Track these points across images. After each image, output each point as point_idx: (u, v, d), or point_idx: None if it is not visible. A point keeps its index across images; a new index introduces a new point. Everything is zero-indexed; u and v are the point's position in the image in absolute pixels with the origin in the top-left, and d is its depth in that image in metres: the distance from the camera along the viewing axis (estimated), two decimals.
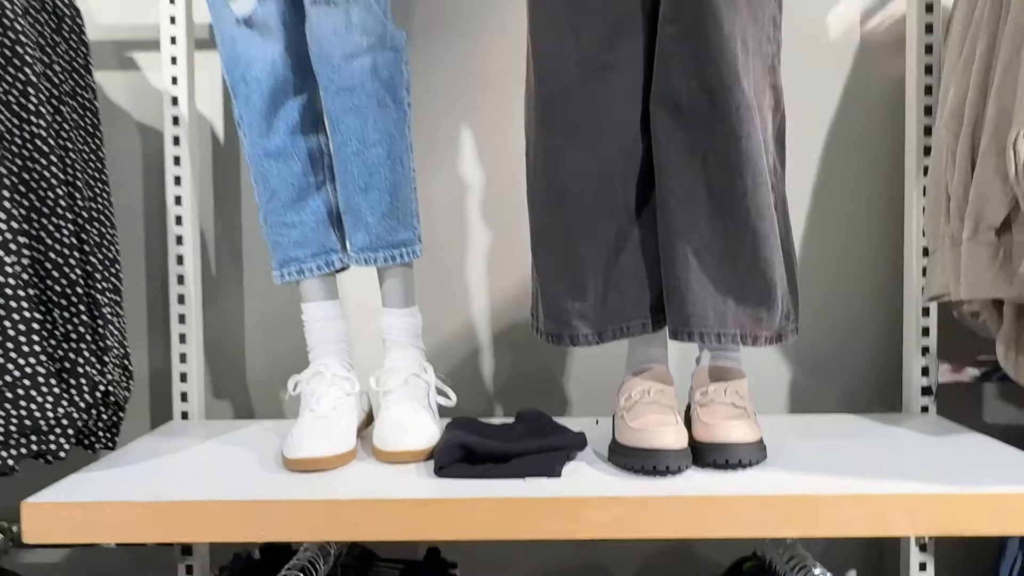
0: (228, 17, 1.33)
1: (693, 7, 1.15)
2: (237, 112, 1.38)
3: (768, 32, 1.23)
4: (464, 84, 1.75)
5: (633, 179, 1.24)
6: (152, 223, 1.77)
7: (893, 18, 1.73)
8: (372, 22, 1.29)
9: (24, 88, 1.26)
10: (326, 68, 1.30)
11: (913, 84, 1.60)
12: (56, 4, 1.42)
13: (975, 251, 1.31)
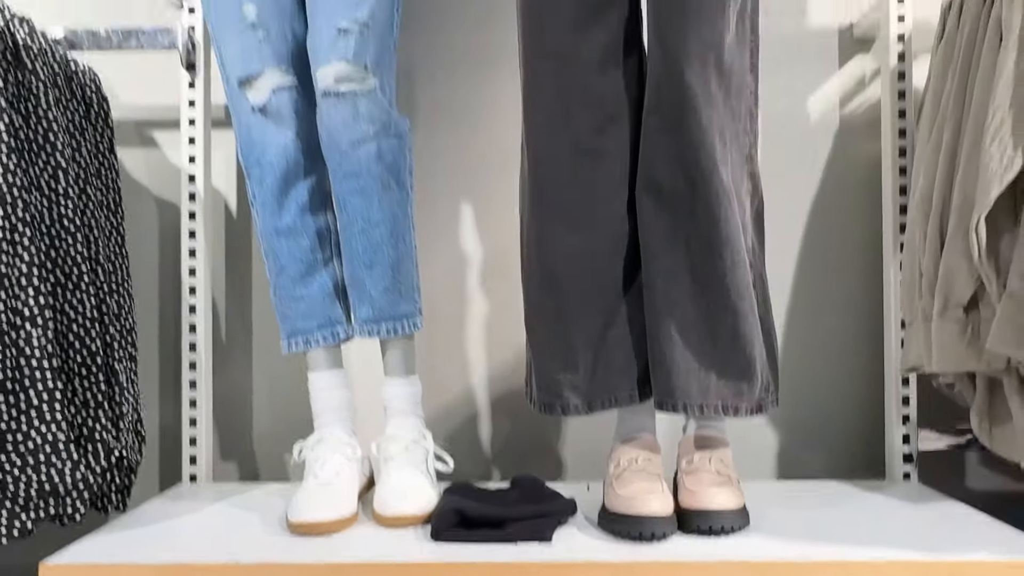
0: (245, 106, 1.43)
1: (674, 102, 1.25)
2: (251, 192, 1.48)
3: (745, 124, 1.33)
4: (463, 163, 1.85)
5: (621, 259, 1.33)
6: (166, 291, 1.86)
7: (870, 102, 1.83)
8: (378, 112, 1.39)
9: (55, 172, 1.35)
10: (334, 154, 1.39)
11: (889, 165, 1.69)
12: (85, 92, 1.53)
13: (945, 327, 1.39)
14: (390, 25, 1.43)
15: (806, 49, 1.83)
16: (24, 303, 1.24)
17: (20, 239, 1.24)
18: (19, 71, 1.32)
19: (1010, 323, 1.26)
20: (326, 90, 1.36)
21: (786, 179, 1.80)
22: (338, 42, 1.36)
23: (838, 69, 1.84)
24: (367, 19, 1.37)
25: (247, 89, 1.41)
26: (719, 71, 1.26)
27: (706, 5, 1.24)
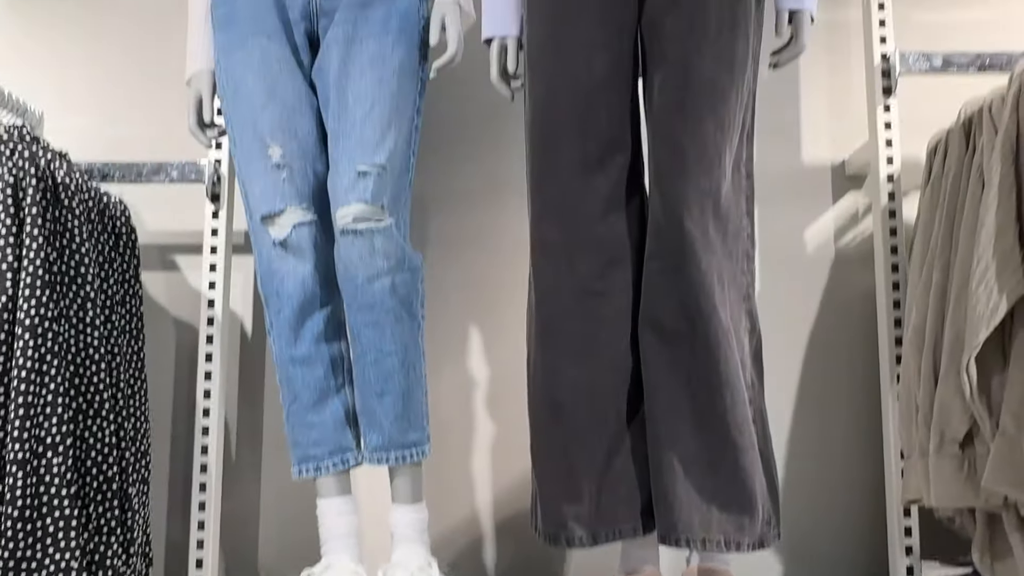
0: (266, 240, 1.50)
1: (674, 247, 1.32)
2: (268, 320, 1.54)
3: (742, 266, 1.39)
4: (472, 290, 1.91)
5: (624, 392, 1.38)
6: (180, 410, 1.90)
7: (863, 235, 1.91)
8: (393, 248, 1.46)
9: (83, 303, 1.42)
10: (350, 287, 1.46)
11: (883, 299, 1.75)
12: (115, 224, 1.61)
13: (942, 463, 1.42)
14: (406, 167, 1.52)
15: (801, 185, 1.92)
16: (48, 431, 1.29)
17: (48, 369, 1.30)
18: (56, 208, 1.40)
19: (1004, 462, 1.29)
20: (344, 228, 1.44)
21: (784, 310, 1.86)
22: (357, 184, 1.44)
23: (832, 204, 1.92)
24: (385, 162, 1.46)
25: (269, 225, 1.49)
26: (716, 217, 1.33)
27: (703, 156, 1.32)
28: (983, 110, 1.50)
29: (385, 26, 1.49)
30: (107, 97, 2.01)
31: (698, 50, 1.32)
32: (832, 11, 1.97)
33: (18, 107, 1.68)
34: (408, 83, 1.51)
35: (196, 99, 1.59)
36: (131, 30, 2.03)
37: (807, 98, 1.96)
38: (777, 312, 1.82)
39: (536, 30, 1.43)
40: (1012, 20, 1.96)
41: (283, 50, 1.51)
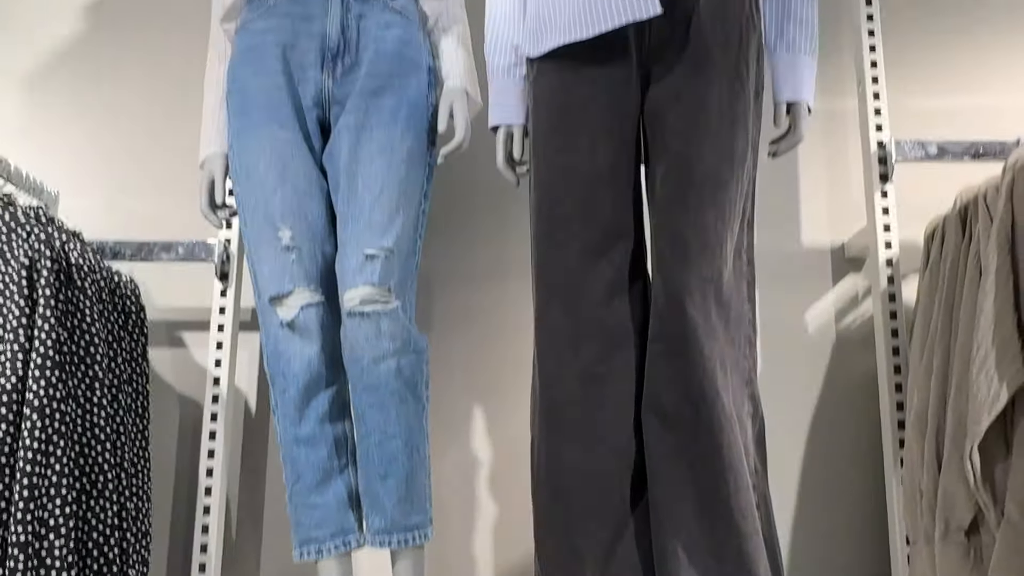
0: (274, 320, 1.52)
1: (676, 333, 1.33)
2: (273, 400, 1.54)
3: (744, 351, 1.41)
4: (476, 370, 1.93)
5: (628, 476, 1.37)
6: (181, 487, 1.89)
7: (864, 317, 1.93)
8: (399, 330, 1.48)
9: (91, 383, 1.43)
10: (356, 369, 1.47)
11: (885, 382, 1.75)
12: (125, 303, 1.63)
13: (948, 551, 1.41)
14: (413, 250, 1.55)
15: (801, 267, 1.95)
16: (51, 513, 1.28)
17: (54, 450, 1.30)
18: (69, 289, 1.43)
19: (1011, 551, 1.29)
20: (351, 310, 1.46)
21: (787, 393, 1.87)
22: (365, 267, 1.46)
23: (832, 286, 1.95)
24: (393, 246, 1.49)
25: (277, 306, 1.51)
26: (718, 303, 1.35)
27: (705, 245, 1.35)
28: (978, 198, 1.54)
29: (395, 115, 1.53)
30: (120, 176, 2.05)
31: (699, 143, 1.36)
32: (829, 100, 2.03)
33: (35, 187, 1.72)
34: (416, 169, 1.55)
35: (209, 181, 1.63)
36: (144, 111, 2.09)
37: (806, 183, 2.00)
38: (779, 395, 1.83)
39: (541, 119, 1.47)
40: (1004, 109, 2.01)
41: (295, 136, 1.55)
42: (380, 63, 1.55)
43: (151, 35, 2.12)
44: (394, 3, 1.60)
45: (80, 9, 2.15)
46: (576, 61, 1.43)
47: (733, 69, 1.40)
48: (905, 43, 2.05)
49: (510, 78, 1.56)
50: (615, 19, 1.37)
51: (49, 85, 2.11)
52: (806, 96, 1.51)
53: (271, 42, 1.56)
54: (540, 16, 1.48)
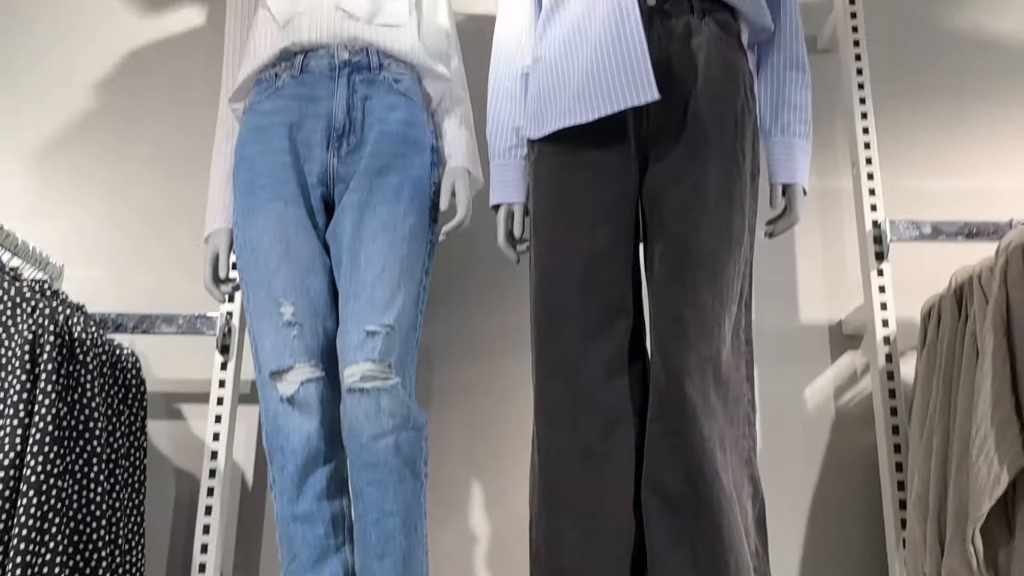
0: (274, 395, 1.52)
1: (676, 413, 1.33)
2: (271, 476, 1.53)
3: (744, 430, 1.41)
4: (475, 445, 1.92)
5: (627, 557, 1.36)
6: (175, 563, 1.87)
7: (863, 395, 1.93)
8: (399, 407, 1.48)
9: (89, 458, 1.43)
10: (355, 446, 1.47)
11: (885, 462, 1.75)
12: (126, 376, 1.64)
13: None
14: (414, 326, 1.56)
15: (799, 344, 1.96)
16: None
17: (48, 527, 1.29)
18: (71, 364, 1.44)
19: None
20: (352, 386, 1.46)
21: (787, 471, 1.86)
22: (366, 343, 1.47)
23: (831, 363, 1.95)
24: (393, 323, 1.50)
25: (278, 380, 1.51)
26: (717, 383, 1.36)
27: (703, 325, 1.36)
28: (973, 279, 1.55)
29: (398, 193, 1.56)
30: (124, 248, 2.08)
31: (697, 225, 1.39)
32: (824, 179, 2.07)
33: (40, 261, 1.74)
34: (418, 246, 1.57)
35: (213, 256, 1.65)
36: (150, 185, 2.12)
37: (803, 261, 2.02)
38: (780, 474, 1.82)
39: (542, 199, 1.50)
40: (997, 190, 2.05)
41: (299, 213, 1.57)
42: (384, 143, 1.59)
43: (158, 112, 2.17)
44: (399, 85, 1.64)
45: (89, 86, 2.21)
46: (576, 143, 1.47)
47: (730, 152, 1.43)
48: (898, 124, 2.10)
49: (511, 158, 1.60)
50: (614, 103, 1.41)
51: (57, 160, 2.15)
52: (801, 179, 1.54)
53: (278, 122, 1.60)
54: (541, 99, 1.52)
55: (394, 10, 1.67)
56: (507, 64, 1.63)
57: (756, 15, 1.53)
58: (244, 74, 1.66)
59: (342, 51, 1.62)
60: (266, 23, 1.66)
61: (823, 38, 2.15)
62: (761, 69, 1.59)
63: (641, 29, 1.41)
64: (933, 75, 2.16)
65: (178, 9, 2.26)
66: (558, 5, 1.55)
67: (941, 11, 2.21)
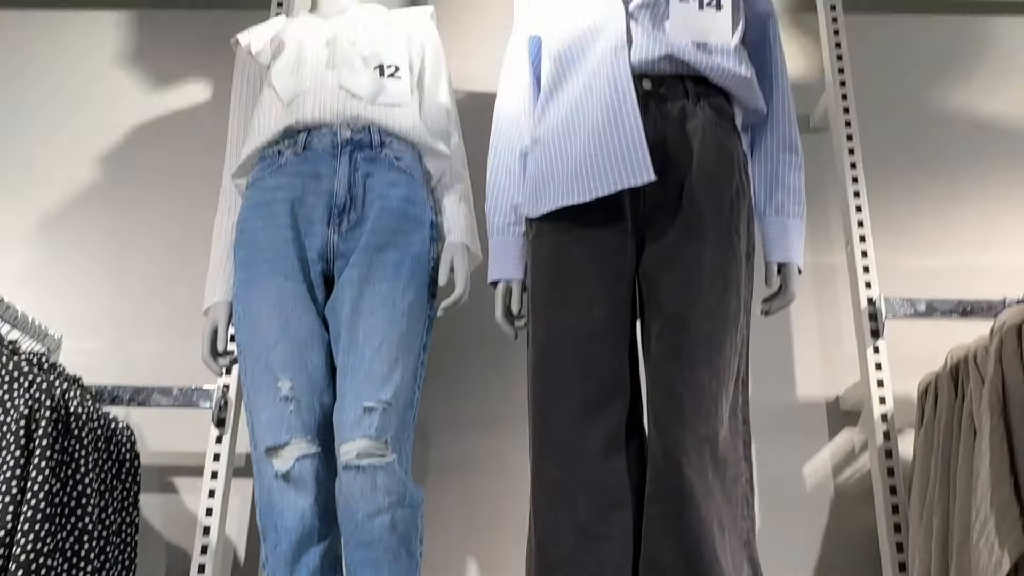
0: (269, 471, 1.51)
1: (673, 493, 1.32)
2: (264, 554, 1.51)
3: (742, 511, 1.40)
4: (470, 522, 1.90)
5: None
6: None
7: (862, 471, 1.92)
8: (395, 484, 1.47)
9: (80, 536, 1.41)
10: (350, 524, 1.45)
11: (886, 544, 1.73)
12: (120, 451, 1.63)
13: None
14: (411, 401, 1.56)
15: (797, 421, 1.96)
16: None
17: None
18: (66, 439, 1.43)
19: None
20: (348, 463, 1.45)
21: (786, 551, 1.84)
22: (363, 420, 1.47)
23: (828, 440, 1.95)
24: (391, 399, 1.49)
25: (273, 456, 1.50)
26: (715, 463, 1.35)
27: (700, 404, 1.36)
28: (968, 358, 1.56)
29: (397, 270, 1.58)
30: (122, 320, 2.08)
31: (693, 304, 1.40)
32: (819, 255, 2.09)
33: (38, 333, 1.75)
34: (416, 322, 1.58)
35: (212, 329, 1.66)
36: (150, 257, 2.14)
37: (799, 336, 2.03)
38: (779, 554, 1.80)
39: (540, 277, 1.51)
40: (989, 268, 2.07)
41: (299, 287, 1.58)
42: (385, 220, 1.60)
43: (158, 184, 2.20)
44: (400, 162, 1.67)
45: (94, 159, 2.24)
46: (574, 222, 1.49)
47: (725, 233, 1.45)
48: (891, 202, 2.14)
49: (509, 235, 1.62)
50: (611, 185, 1.43)
51: (59, 230, 2.17)
52: (796, 258, 1.56)
53: (281, 198, 1.62)
54: (539, 178, 1.55)
55: (396, 90, 1.71)
56: (506, 143, 1.66)
57: (750, 99, 1.57)
58: (248, 150, 1.69)
59: (345, 129, 1.65)
60: (271, 101, 1.70)
61: (815, 118, 2.20)
62: (755, 151, 1.62)
63: (638, 113, 1.44)
64: (925, 153, 2.20)
65: (183, 85, 2.31)
66: (557, 87, 1.58)
67: (933, 92, 2.26)
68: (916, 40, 2.31)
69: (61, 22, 2.38)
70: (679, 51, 1.50)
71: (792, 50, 2.23)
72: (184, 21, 2.37)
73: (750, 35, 1.64)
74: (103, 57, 2.34)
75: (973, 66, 2.29)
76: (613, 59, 1.50)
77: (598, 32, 1.54)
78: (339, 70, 1.70)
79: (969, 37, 2.31)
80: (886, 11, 2.34)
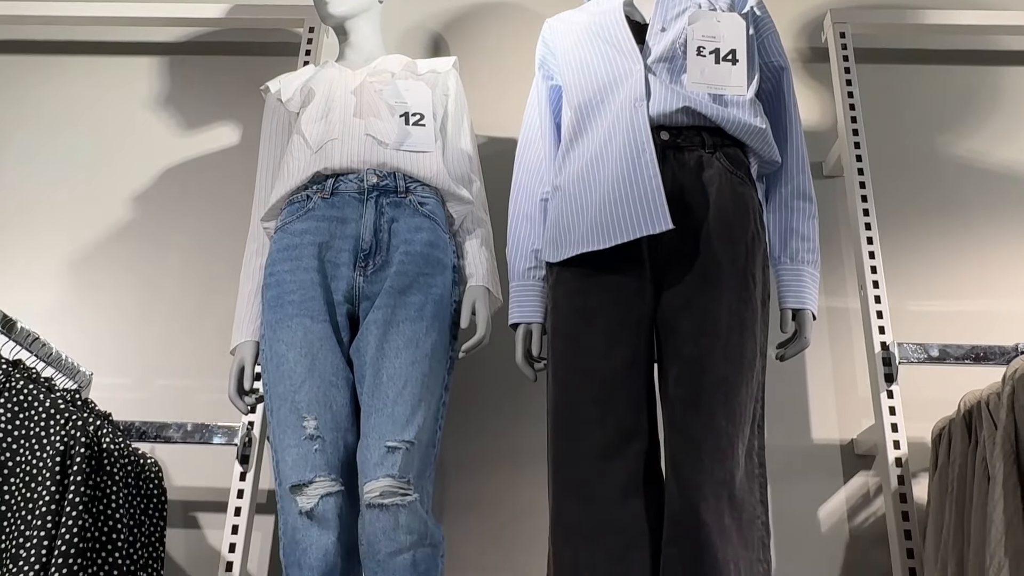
0: (293, 509, 1.54)
1: (690, 537, 1.35)
2: None
3: (758, 554, 1.42)
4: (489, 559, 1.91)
5: None
6: None
7: (877, 515, 1.93)
8: (417, 523, 1.49)
9: (110, 571, 1.45)
10: (372, 562, 1.48)
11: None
12: (149, 487, 1.67)
13: None
14: (433, 441, 1.60)
15: (812, 464, 1.97)
16: None
17: None
18: (99, 475, 1.47)
19: None
20: (371, 502, 1.48)
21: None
22: (386, 459, 1.50)
23: (843, 483, 1.96)
24: (414, 439, 1.53)
25: (298, 494, 1.53)
26: (732, 506, 1.38)
27: (717, 448, 1.39)
28: (981, 404, 1.58)
29: (421, 312, 1.62)
30: (151, 357, 2.13)
31: (710, 349, 1.43)
32: (832, 299, 2.12)
33: (71, 369, 1.80)
34: (439, 364, 1.62)
35: (239, 368, 1.70)
36: (179, 296, 2.19)
37: (813, 379, 2.06)
38: None
39: (560, 321, 1.55)
40: (1002, 313, 2.09)
41: (325, 328, 1.63)
42: (409, 263, 1.65)
43: (186, 226, 2.26)
44: (424, 207, 1.72)
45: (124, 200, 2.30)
46: (593, 268, 1.53)
47: (741, 280, 1.49)
48: (904, 247, 2.17)
49: (530, 279, 1.66)
50: (630, 232, 1.48)
51: (89, 268, 2.23)
52: (811, 304, 1.59)
53: (308, 242, 1.67)
54: (560, 225, 1.59)
55: (421, 137, 1.77)
56: (527, 190, 1.71)
57: (764, 150, 1.61)
58: (277, 195, 1.74)
59: (371, 175, 1.71)
60: (300, 148, 1.76)
61: (828, 165, 2.24)
62: (770, 199, 1.66)
63: (656, 163, 1.49)
64: (938, 200, 2.23)
65: (213, 128, 2.38)
66: (577, 136, 1.63)
67: (945, 139, 2.30)
68: (928, 89, 2.36)
69: (97, 67, 2.47)
70: (696, 103, 1.55)
71: (805, 99, 2.28)
72: (215, 67, 2.45)
73: (765, 87, 1.69)
74: (136, 101, 2.42)
75: (985, 115, 2.33)
76: (632, 111, 1.55)
77: (618, 84, 1.59)
78: (366, 118, 1.76)
79: (980, 87, 2.36)
80: (897, 61, 2.39)
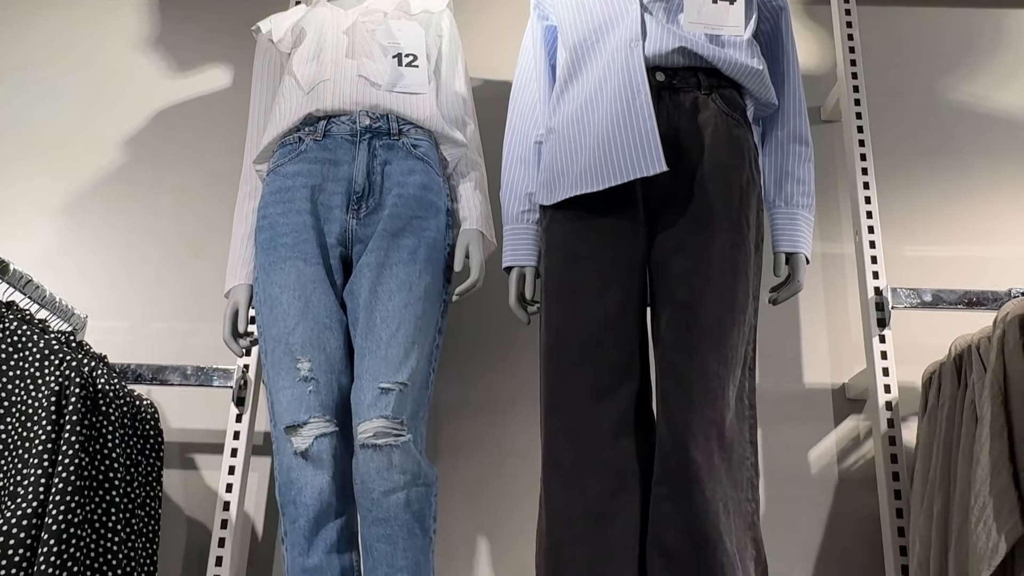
0: (288, 449, 1.56)
1: (680, 475, 1.37)
2: (283, 529, 1.56)
3: (747, 493, 1.44)
4: (481, 500, 1.94)
5: None
6: None
7: (866, 458, 1.96)
8: (410, 463, 1.51)
9: (108, 508, 1.47)
10: (366, 501, 1.50)
11: (887, 528, 1.77)
12: (145, 428, 1.68)
13: None
14: (426, 383, 1.61)
15: (803, 407, 1.99)
16: None
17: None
18: (94, 415, 1.48)
19: None
20: (364, 442, 1.50)
21: (789, 534, 1.88)
22: (380, 400, 1.51)
23: (834, 427, 1.98)
24: (407, 380, 1.54)
25: (292, 435, 1.55)
26: (721, 446, 1.40)
27: (707, 389, 1.40)
28: (972, 348, 1.59)
29: (414, 255, 1.62)
30: (146, 301, 2.13)
31: (702, 292, 1.43)
32: (827, 244, 2.12)
33: (65, 312, 1.80)
34: (432, 306, 1.62)
35: (232, 311, 1.70)
36: (172, 240, 2.18)
37: (806, 324, 2.06)
38: (782, 537, 1.84)
39: (554, 265, 1.55)
40: (996, 259, 2.10)
41: (318, 271, 1.62)
42: (402, 206, 1.64)
43: (180, 168, 2.24)
44: (417, 150, 1.71)
45: (117, 142, 2.28)
46: (587, 211, 1.52)
47: (735, 223, 1.49)
48: (900, 193, 2.16)
49: (524, 223, 1.66)
50: (624, 174, 1.47)
51: (82, 212, 2.22)
52: (804, 248, 1.59)
53: (301, 184, 1.66)
54: (553, 168, 1.58)
55: (414, 78, 1.75)
56: (521, 133, 1.70)
57: (761, 92, 1.60)
58: (269, 137, 1.73)
59: (363, 117, 1.69)
60: (292, 89, 1.74)
61: (827, 109, 2.22)
62: (765, 142, 1.65)
63: (651, 104, 1.48)
64: (935, 146, 2.22)
65: (205, 71, 2.35)
66: (572, 78, 1.62)
67: (944, 84, 2.28)
68: (928, 32, 2.33)
69: (87, 8, 2.42)
70: (692, 44, 1.53)
71: (804, 42, 2.26)
72: (205, 7, 2.40)
73: (763, 28, 1.67)
74: (127, 42, 2.38)
75: (985, 59, 2.30)
76: (627, 51, 1.53)
77: (613, 24, 1.57)
78: (358, 59, 1.74)
79: (981, 30, 2.33)
80: (899, 3, 2.35)
